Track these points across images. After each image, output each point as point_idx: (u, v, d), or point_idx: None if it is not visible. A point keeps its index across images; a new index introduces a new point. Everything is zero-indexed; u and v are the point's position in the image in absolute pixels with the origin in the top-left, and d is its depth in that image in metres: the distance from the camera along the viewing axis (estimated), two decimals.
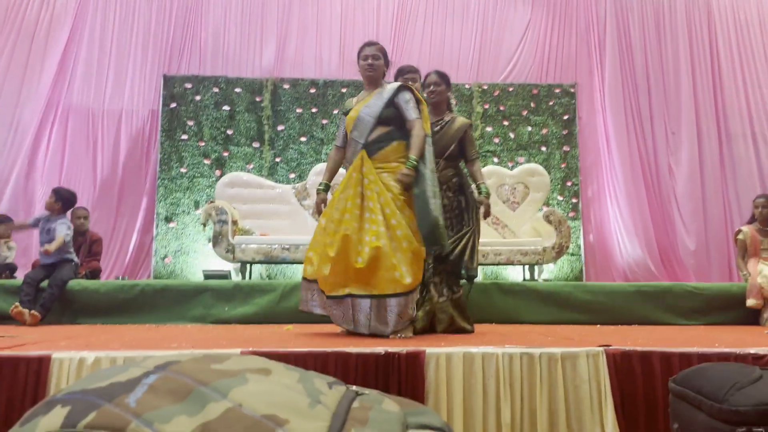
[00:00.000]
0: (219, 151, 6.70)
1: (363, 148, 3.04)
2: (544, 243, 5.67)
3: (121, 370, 0.68)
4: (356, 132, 3.08)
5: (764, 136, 7.24)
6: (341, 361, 2.10)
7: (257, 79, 6.90)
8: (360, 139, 3.06)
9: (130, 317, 4.35)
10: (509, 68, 7.28)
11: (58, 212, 4.72)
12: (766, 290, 4.41)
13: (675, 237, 6.98)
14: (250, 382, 0.66)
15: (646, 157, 7.14)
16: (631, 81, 7.28)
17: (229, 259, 5.56)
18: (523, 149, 6.93)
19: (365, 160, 3.00)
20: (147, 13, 7.05)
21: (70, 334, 3.19)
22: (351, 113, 3.14)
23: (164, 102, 6.74)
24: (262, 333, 3.28)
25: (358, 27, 7.24)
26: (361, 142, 3.05)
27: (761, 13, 7.48)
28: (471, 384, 2.08)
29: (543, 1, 7.43)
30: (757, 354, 2.18)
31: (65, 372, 2.04)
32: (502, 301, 4.35)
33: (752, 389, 1.33)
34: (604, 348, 2.16)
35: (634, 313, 4.43)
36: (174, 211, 6.55)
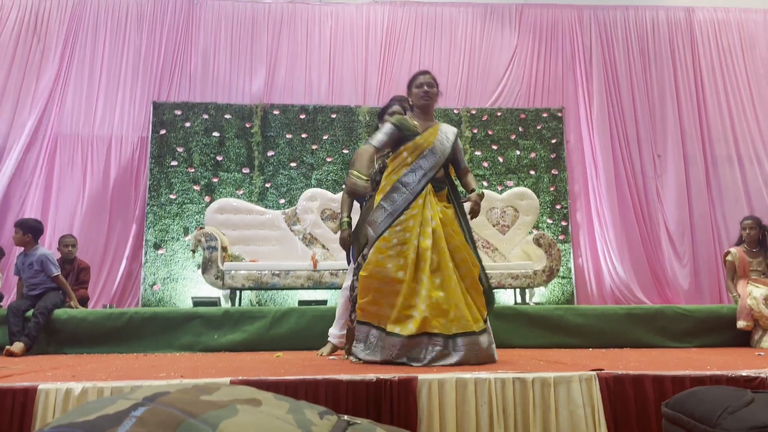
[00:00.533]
0: (209, 177, 6.70)
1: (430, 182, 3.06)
2: (535, 266, 5.68)
3: (109, 402, 0.67)
4: (427, 162, 3.07)
5: (750, 158, 7.34)
6: (332, 389, 2.07)
7: (247, 105, 6.94)
8: (429, 171, 3.06)
9: (117, 346, 4.29)
10: (497, 93, 7.37)
11: (31, 244, 4.65)
12: (756, 312, 4.42)
13: (664, 259, 7.02)
14: (240, 413, 0.66)
15: (633, 180, 7.21)
16: (617, 105, 7.38)
17: (218, 285, 5.52)
18: (512, 173, 6.98)
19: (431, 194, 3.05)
20: (137, 40, 7.10)
21: (56, 365, 3.14)
22: (420, 140, 3.09)
23: (154, 129, 6.75)
24: (252, 360, 3.24)
25: (348, 53, 7.32)
26: (430, 176, 3.06)
27: (743, 38, 7.65)
28: (464, 410, 2.06)
29: (529, 28, 7.56)
30: (748, 376, 2.18)
31: (51, 403, 2.00)
32: (494, 326, 4.30)
33: (744, 413, 1.32)
34: (597, 372, 2.15)
35: (626, 336, 4.43)
36: (163, 237, 6.52)
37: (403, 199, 3.00)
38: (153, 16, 7.18)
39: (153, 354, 4.15)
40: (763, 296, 4.46)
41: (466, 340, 2.76)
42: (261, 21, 7.31)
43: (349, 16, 7.42)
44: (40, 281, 4.55)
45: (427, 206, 2.98)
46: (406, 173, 3.05)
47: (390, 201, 3.01)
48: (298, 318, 4.38)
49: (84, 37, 7.03)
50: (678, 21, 7.65)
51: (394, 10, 7.47)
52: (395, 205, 2.99)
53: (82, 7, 7.10)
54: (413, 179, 3.03)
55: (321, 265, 5.60)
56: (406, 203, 2.98)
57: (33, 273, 4.55)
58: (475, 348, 2.76)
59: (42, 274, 4.56)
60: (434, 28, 7.49)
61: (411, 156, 3.08)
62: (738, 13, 7.73)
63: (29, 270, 4.57)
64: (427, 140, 3.10)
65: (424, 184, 3.02)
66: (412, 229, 2.92)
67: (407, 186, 3.03)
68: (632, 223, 7.09)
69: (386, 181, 3.09)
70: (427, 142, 3.09)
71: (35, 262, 4.56)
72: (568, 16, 7.59)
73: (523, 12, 7.59)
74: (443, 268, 2.86)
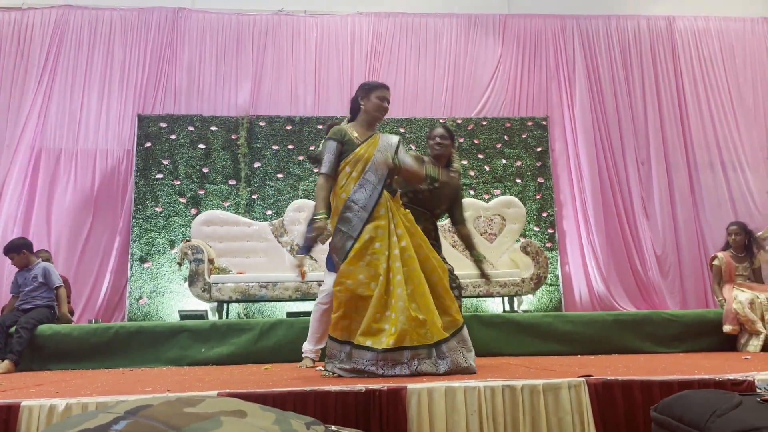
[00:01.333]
0: (195, 190, 6.66)
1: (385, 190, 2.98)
2: (522, 274, 5.70)
3: (91, 416, 0.66)
4: (372, 175, 2.98)
5: (732, 164, 7.42)
6: (320, 400, 2.06)
7: (233, 117, 6.92)
8: (378, 185, 2.97)
9: (103, 361, 4.23)
10: (482, 102, 7.41)
11: (31, 260, 4.71)
12: (742, 316, 4.46)
13: (649, 265, 7.06)
14: (224, 425, 0.65)
15: (618, 187, 7.26)
16: (600, 113, 7.45)
17: (205, 298, 5.48)
18: (498, 181, 7.01)
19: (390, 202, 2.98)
20: (121, 53, 7.06)
21: (40, 381, 3.09)
22: (360, 151, 3.02)
23: (139, 141, 6.71)
24: (240, 373, 3.21)
25: (333, 64, 7.33)
26: (379, 188, 2.96)
27: (723, 46, 7.76)
28: (453, 419, 2.05)
29: (513, 37, 7.62)
30: (736, 380, 2.19)
31: (35, 420, 1.97)
32: (482, 334, 4.33)
33: (732, 416, 1.33)
34: (586, 378, 2.15)
35: (614, 342, 4.45)
36: (149, 251, 6.46)
37: (358, 218, 2.91)
38: (137, 28, 7.15)
39: (139, 369, 4.10)
40: (748, 300, 4.50)
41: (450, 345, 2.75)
42: (246, 33, 7.31)
43: (335, 27, 7.44)
44: (38, 295, 4.55)
45: (390, 216, 2.92)
46: (355, 190, 2.96)
47: (345, 222, 2.93)
48: (286, 330, 4.36)
49: (67, 50, 6.99)
50: (659, 30, 7.75)
51: (379, 21, 7.51)
52: (351, 225, 2.91)
53: (66, 20, 7.06)
54: (363, 196, 2.94)
55: (309, 276, 5.57)
56: (362, 222, 2.90)
57: (35, 286, 4.56)
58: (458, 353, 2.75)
59: (44, 286, 4.58)
60: (419, 38, 7.53)
61: (355, 170, 2.99)
62: (718, 21, 7.85)
63: (32, 283, 4.57)
64: (368, 151, 3.02)
65: (377, 198, 2.94)
66: (381, 239, 2.87)
67: (358, 203, 2.94)
68: (617, 229, 7.14)
69: (337, 201, 3.01)
70: (368, 153, 3.02)
71: (39, 274, 4.60)
72: (551, 26, 7.67)
73: (507, 22, 7.65)
74: (414, 278, 2.82)
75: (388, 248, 2.86)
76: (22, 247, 4.67)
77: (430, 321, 2.74)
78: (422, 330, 2.72)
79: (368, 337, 2.74)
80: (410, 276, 2.83)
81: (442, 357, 2.72)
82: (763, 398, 1.44)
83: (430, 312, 2.77)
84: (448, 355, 2.73)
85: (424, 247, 2.96)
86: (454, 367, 2.71)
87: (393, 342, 2.69)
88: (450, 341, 2.77)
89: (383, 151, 3.03)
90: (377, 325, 2.76)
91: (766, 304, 4.47)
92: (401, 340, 2.69)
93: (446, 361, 2.71)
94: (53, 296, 4.64)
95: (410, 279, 2.82)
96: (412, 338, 2.71)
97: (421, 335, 2.72)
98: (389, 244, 2.87)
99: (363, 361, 2.72)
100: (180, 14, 7.25)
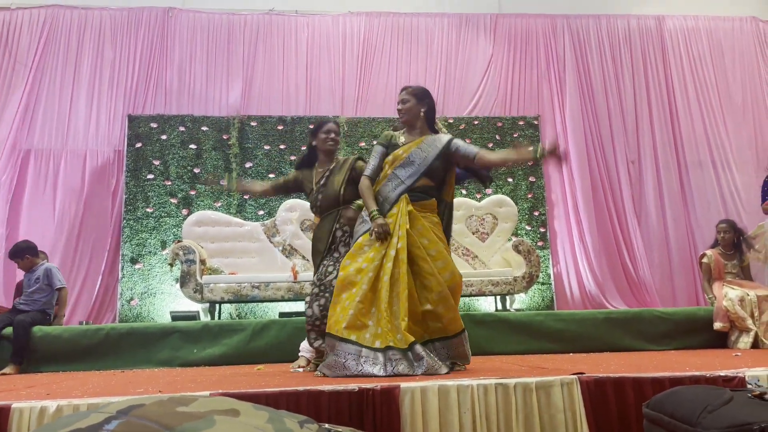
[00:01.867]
0: (186, 190, 6.63)
1: (407, 191, 3.00)
2: (515, 273, 5.71)
3: (82, 416, 0.65)
4: (404, 171, 3.04)
5: (722, 163, 7.47)
6: (313, 400, 2.05)
7: (224, 117, 6.89)
8: (407, 180, 3.02)
9: (94, 363, 4.21)
10: (474, 102, 7.42)
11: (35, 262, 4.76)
12: (732, 313, 4.49)
13: (640, 263, 7.09)
14: (217, 424, 0.64)
15: (608, 186, 7.30)
16: (591, 112, 7.48)
17: (197, 299, 5.45)
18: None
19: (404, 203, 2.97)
20: (111, 53, 7.02)
21: (31, 383, 3.07)
22: (400, 152, 3.08)
23: (129, 142, 6.67)
24: (232, 374, 3.20)
25: (325, 64, 7.32)
26: (407, 184, 3.02)
27: (712, 45, 7.81)
28: (447, 418, 2.05)
29: (504, 37, 7.64)
30: (726, 376, 2.20)
31: (26, 422, 1.96)
32: (475, 333, 4.34)
33: (723, 411, 1.34)
34: (578, 376, 2.16)
35: (605, 339, 4.47)
36: (140, 251, 6.43)
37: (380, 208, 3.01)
38: (127, 28, 7.11)
39: (131, 370, 4.08)
40: (738, 298, 4.53)
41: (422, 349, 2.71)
42: (237, 32, 7.28)
43: (326, 27, 7.43)
44: (41, 297, 4.55)
45: (399, 217, 2.94)
46: (384, 184, 3.07)
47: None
48: (278, 330, 4.35)
49: (56, 50, 6.94)
50: (649, 29, 7.79)
51: (371, 21, 7.50)
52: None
53: (54, 19, 7.01)
54: (389, 188, 3.04)
55: (301, 276, 5.56)
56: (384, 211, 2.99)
57: (38, 287, 4.56)
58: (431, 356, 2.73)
59: (47, 288, 4.61)
60: (410, 38, 7.53)
61: (390, 167, 3.08)
62: (707, 21, 7.90)
63: (35, 284, 4.59)
64: (407, 150, 3.08)
65: (400, 193, 2.99)
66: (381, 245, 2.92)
67: (381, 194, 3.04)
68: (608, 228, 7.17)
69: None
70: (406, 152, 3.07)
71: (41, 276, 4.61)
72: (542, 25, 7.69)
73: (498, 21, 7.67)
74: (400, 281, 2.82)
75: (385, 248, 2.88)
76: (24, 251, 4.73)
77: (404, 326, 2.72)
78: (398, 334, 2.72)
79: (353, 331, 2.74)
80: (397, 279, 2.83)
81: (418, 359, 2.68)
82: (754, 394, 1.45)
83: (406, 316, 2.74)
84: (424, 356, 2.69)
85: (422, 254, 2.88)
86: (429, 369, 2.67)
87: (380, 342, 2.70)
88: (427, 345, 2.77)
89: (424, 149, 3.07)
90: (362, 320, 2.76)
91: (756, 302, 4.51)
92: (386, 341, 2.70)
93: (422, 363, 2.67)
94: (51, 300, 4.64)
95: (396, 282, 2.82)
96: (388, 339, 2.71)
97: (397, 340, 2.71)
98: (388, 243, 2.89)
99: (345, 354, 2.72)
100: (170, 14, 7.22)
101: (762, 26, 7.94)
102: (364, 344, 2.72)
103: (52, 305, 4.64)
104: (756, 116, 7.67)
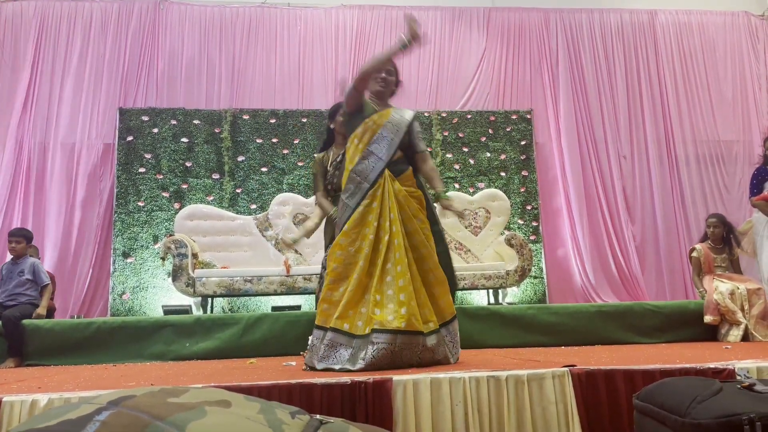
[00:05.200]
0: (178, 184, 6.60)
1: (386, 167, 2.92)
2: (507, 266, 5.73)
3: (73, 407, 0.65)
4: (379, 147, 2.94)
5: (711, 159, 7.52)
6: (306, 393, 2.05)
7: (216, 110, 6.86)
8: (383, 157, 2.93)
9: (86, 357, 4.19)
10: (467, 96, 7.42)
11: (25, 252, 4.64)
12: (723, 306, 4.53)
13: (631, 257, 7.13)
14: (208, 415, 0.64)
15: (600, 181, 7.32)
16: (584, 106, 7.50)
17: (189, 293, 5.44)
18: (483, 175, 7.03)
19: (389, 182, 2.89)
20: (101, 46, 6.97)
21: (22, 377, 3.05)
22: (370, 121, 2.98)
23: (120, 135, 6.63)
24: (225, 368, 3.20)
25: (317, 57, 7.29)
26: (385, 160, 2.93)
27: (704, 40, 7.83)
28: (439, 410, 2.06)
29: (497, 31, 7.63)
30: (716, 368, 2.22)
31: (17, 416, 1.95)
32: (468, 326, 4.34)
33: (713, 402, 1.35)
34: (569, 368, 2.17)
35: (597, 333, 4.49)
36: (132, 245, 6.40)
37: (359, 189, 2.90)
38: (117, 20, 7.06)
39: (123, 364, 4.06)
40: (729, 291, 4.56)
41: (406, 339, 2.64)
42: (229, 25, 7.24)
43: (319, 20, 7.40)
44: (23, 291, 4.48)
45: (386, 197, 2.86)
46: (359, 161, 2.94)
47: (349, 194, 2.94)
48: (271, 324, 4.34)
49: (46, 42, 6.88)
50: (641, 23, 7.81)
51: (363, 14, 7.48)
52: (354, 197, 2.91)
53: (44, 12, 6.95)
54: (366, 167, 2.92)
55: (294, 270, 5.55)
56: (362, 193, 2.88)
57: (22, 281, 4.48)
58: (417, 348, 2.67)
59: (30, 283, 4.52)
60: (403, 31, 7.49)
61: (362, 142, 2.97)
62: (699, 15, 7.92)
63: (18, 278, 4.49)
64: (377, 122, 2.99)
65: (380, 171, 2.90)
66: (369, 224, 2.83)
67: (360, 174, 2.92)
68: (600, 222, 7.21)
69: (345, 175, 3.01)
70: (377, 123, 2.99)
71: (27, 270, 4.51)
72: (535, 19, 7.69)
73: (491, 15, 7.66)
74: (397, 264, 2.76)
75: (375, 232, 2.82)
76: (28, 237, 4.66)
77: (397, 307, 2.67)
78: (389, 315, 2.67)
79: (345, 321, 2.71)
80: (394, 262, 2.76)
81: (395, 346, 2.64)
82: (743, 385, 1.46)
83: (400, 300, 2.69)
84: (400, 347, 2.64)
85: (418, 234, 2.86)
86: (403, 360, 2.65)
87: (368, 327, 2.66)
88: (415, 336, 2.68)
89: (394, 123, 3.00)
90: (354, 310, 2.73)
91: (746, 295, 4.54)
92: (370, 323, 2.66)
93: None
94: (38, 294, 4.59)
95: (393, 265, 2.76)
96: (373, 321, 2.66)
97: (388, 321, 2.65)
98: (377, 227, 2.82)
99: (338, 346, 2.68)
100: (161, 6, 7.17)
101: (754, 21, 7.98)
102: (356, 333, 2.67)
103: (38, 299, 4.59)
104: (746, 111, 7.72)
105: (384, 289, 2.74)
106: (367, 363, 2.58)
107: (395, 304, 2.69)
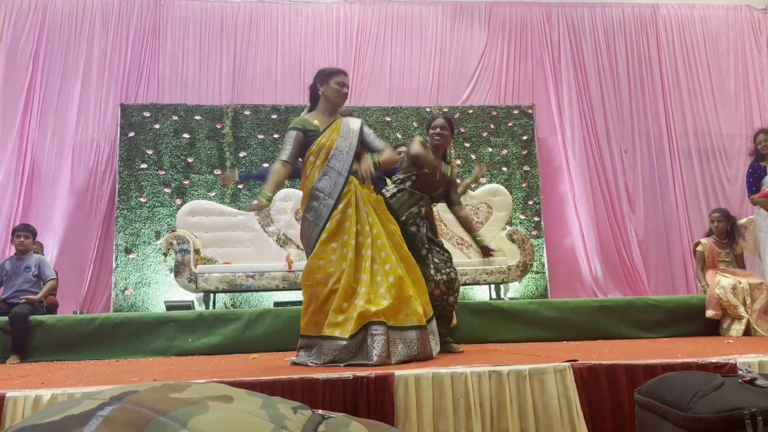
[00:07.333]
0: (179, 180, 6.61)
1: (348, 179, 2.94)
2: (509, 262, 5.73)
3: (76, 403, 0.65)
4: (336, 162, 2.95)
5: (714, 151, 7.50)
6: (308, 388, 2.06)
7: (217, 106, 6.86)
8: (343, 171, 2.94)
9: (88, 353, 4.20)
10: (468, 91, 7.41)
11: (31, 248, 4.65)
12: (725, 301, 4.52)
13: (634, 252, 7.13)
14: (211, 410, 0.65)
15: (603, 175, 7.32)
16: (586, 101, 7.48)
17: (191, 289, 5.45)
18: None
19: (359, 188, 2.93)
20: (103, 42, 6.97)
21: (25, 372, 3.06)
22: (323, 140, 2.99)
23: (122, 131, 6.63)
24: (227, 363, 3.21)
25: (318, 52, 7.28)
26: (345, 175, 2.93)
27: (706, 34, 7.81)
28: (441, 405, 2.06)
29: (498, 25, 7.61)
30: (718, 363, 2.22)
31: (20, 411, 1.96)
32: (469, 321, 4.35)
33: (714, 396, 1.35)
34: (571, 363, 2.17)
35: (599, 328, 4.49)
36: (134, 241, 6.41)
37: (324, 206, 2.90)
38: (119, 17, 7.05)
39: (125, 359, 4.08)
40: (731, 286, 4.56)
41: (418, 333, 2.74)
42: (230, 21, 7.24)
43: (320, 15, 7.39)
44: (31, 287, 4.49)
45: (360, 202, 2.90)
46: (319, 178, 2.95)
47: (311, 211, 2.94)
48: (273, 319, 4.35)
49: (48, 39, 6.88)
50: (643, 17, 7.78)
51: (365, 9, 7.46)
52: (318, 213, 2.91)
53: (46, 10, 6.95)
54: (328, 183, 2.93)
55: (296, 265, 5.56)
56: (328, 209, 2.89)
57: (28, 278, 4.48)
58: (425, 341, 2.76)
59: (37, 279, 4.53)
60: (405, 26, 7.50)
61: (318, 159, 2.97)
62: (701, 9, 7.89)
63: (24, 274, 4.49)
64: (330, 138, 2.99)
65: (343, 184, 2.92)
66: (348, 231, 2.85)
67: (323, 191, 2.93)
68: (603, 217, 7.20)
69: (304, 192, 3.01)
70: (330, 140, 2.99)
71: (33, 266, 4.52)
72: (536, 14, 7.67)
73: (493, 10, 7.64)
74: (385, 262, 2.81)
75: (355, 237, 2.84)
76: (35, 234, 4.68)
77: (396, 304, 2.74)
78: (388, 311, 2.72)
79: (336, 328, 2.73)
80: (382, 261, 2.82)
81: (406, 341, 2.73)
82: (745, 380, 1.46)
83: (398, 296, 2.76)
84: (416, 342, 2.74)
85: (396, 236, 2.97)
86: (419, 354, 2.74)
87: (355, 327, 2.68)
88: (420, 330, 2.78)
89: (345, 136, 3.01)
90: (344, 315, 2.74)
91: (748, 290, 4.53)
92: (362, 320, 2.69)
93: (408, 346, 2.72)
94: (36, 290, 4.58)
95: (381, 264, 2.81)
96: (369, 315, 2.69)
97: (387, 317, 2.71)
98: (356, 232, 2.85)
99: (332, 351, 2.70)
100: (162, 2, 7.16)
101: (756, 15, 7.95)
102: (347, 336, 2.68)
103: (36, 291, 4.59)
104: (748, 105, 7.70)
105: (376, 289, 2.79)
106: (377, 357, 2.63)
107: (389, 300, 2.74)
